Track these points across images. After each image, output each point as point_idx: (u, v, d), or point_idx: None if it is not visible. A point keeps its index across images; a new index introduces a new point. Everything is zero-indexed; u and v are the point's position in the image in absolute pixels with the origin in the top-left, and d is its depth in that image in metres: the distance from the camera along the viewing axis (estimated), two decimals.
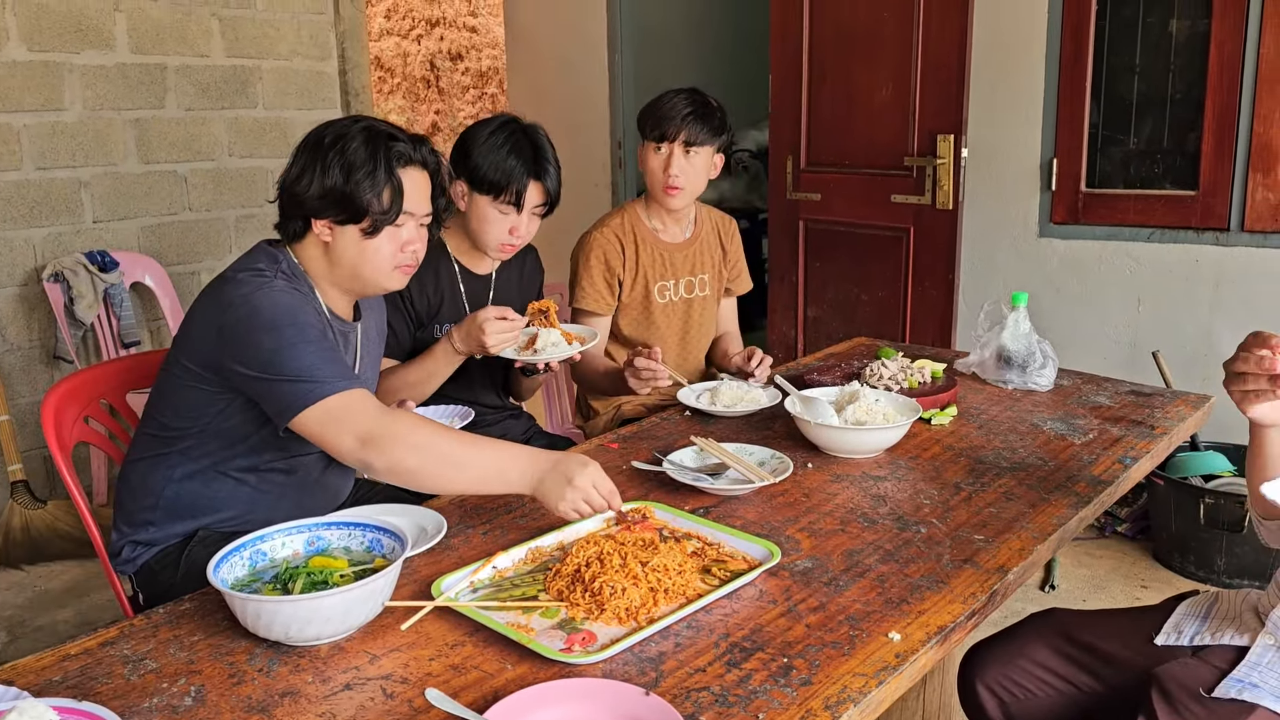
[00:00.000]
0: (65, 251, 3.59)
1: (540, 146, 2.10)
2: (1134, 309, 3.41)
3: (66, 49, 3.52)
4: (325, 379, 1.50)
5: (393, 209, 1.63)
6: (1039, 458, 1.86)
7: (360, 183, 1.60)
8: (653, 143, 2.34)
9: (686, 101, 2.32)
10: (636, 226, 2.44)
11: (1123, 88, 3.35)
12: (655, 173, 2.36)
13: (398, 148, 1.64)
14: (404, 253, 1.68)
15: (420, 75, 6.77)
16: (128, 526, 1.78)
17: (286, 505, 1.74)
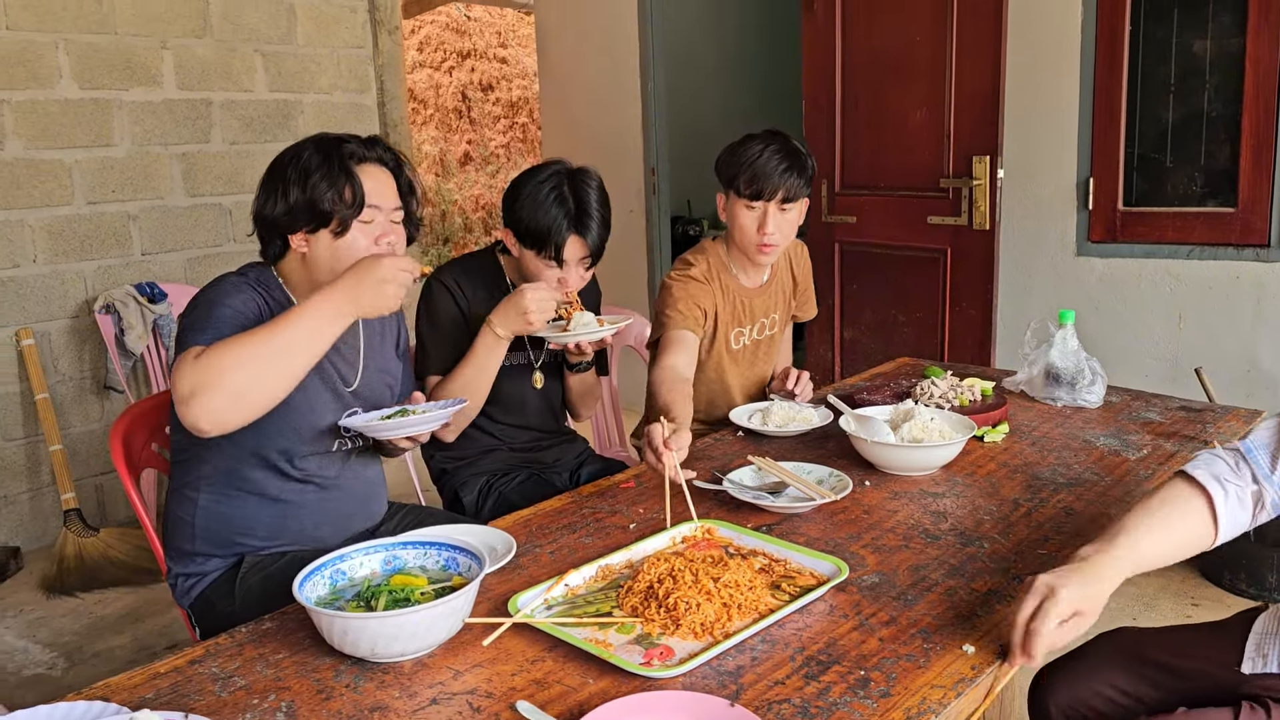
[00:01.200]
0: (114, 284, 3.67)
1: (584, 199, 2.06)
2: (1175, 326, 3.41)
3: (116, 86, 3.62)
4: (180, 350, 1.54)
5: (355, 203, 1.67)
6: (1094, 473, 1.87)
7: (318, 186, 1.65)
8: (744, 200, 2.21)
9: (780, 155, 2.18)
10: (721, 274, 2.33)
11: (1158, 107, 3.36)
12: (747, 230, 2.23)
13: (348, 148, 1.69)
14: (378, 246, 1.70)
15: (452, 106, 6.87)
16: (174, 560, 1.82)
17: (320, 518, 1.79)
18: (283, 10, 4.04)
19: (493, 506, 2.14)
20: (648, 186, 4.95)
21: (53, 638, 2.95)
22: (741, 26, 6.33)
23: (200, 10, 3.80)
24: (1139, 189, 3.44)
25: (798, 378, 2.29)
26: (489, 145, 7.00)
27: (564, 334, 2.02)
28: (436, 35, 6.88)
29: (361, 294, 1.53)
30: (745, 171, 2.19)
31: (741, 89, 6.40)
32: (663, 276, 2.39)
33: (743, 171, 2.20)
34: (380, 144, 1.76)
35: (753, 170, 2.18)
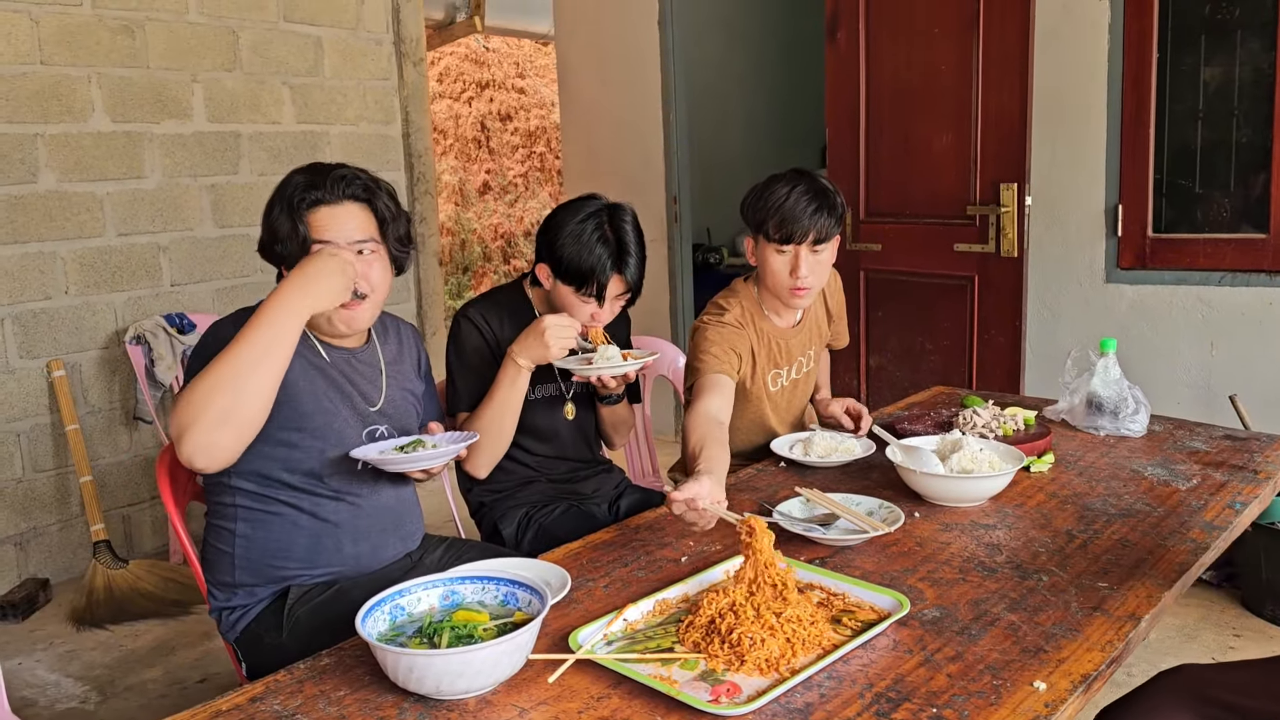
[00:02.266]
0: (144, 315, 3.68)
1: (624, 237, 2.06)
2: (1207, 353, 3.39)
3: (147, 119, 3.65)
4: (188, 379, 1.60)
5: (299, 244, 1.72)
6: (1146, 504, 1.85)
7: (273, 226, 1.74)
8: (774, 244, 2.14)
9: (808, 196, 2.11)
10: (755, 317, 2.28)
11: (1187, 134, 3.36)
12: (780, 274, 2.17)
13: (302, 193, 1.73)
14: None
15: (471, 136, 6.92)
16: (218, 592, 1.82)
17: (356, 534, 1.79)
18: (310, 43, 4.08)
19: (533, 539, 2.13)
20: (669, 215, 4.97)
21: (84, 671, 2.93)
22: (759, 57, 6.37)
23: (230, 44, 3.84)
24: (1168, 216, 3.43)
25: (858, 415, 2.29)
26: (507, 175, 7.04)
27: (587, 368, 2.02)
28: (456, 66, 6.94)
29: (309, 286, 1.61)
30: (774, 215, 2.13)
31: (759, 118, 6.44)
32: (695, 319, 2.36)
33: (771, 215, 2.14)
34: (347, 180, 1.76)
35: (781, 213, 2.12)
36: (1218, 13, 3.25)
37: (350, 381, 1.80)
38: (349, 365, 1.82)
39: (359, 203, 1.77)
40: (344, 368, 1.81)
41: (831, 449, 2.12)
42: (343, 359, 1.82)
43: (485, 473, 2.07)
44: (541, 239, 2.13)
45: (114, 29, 3.53)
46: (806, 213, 2.11)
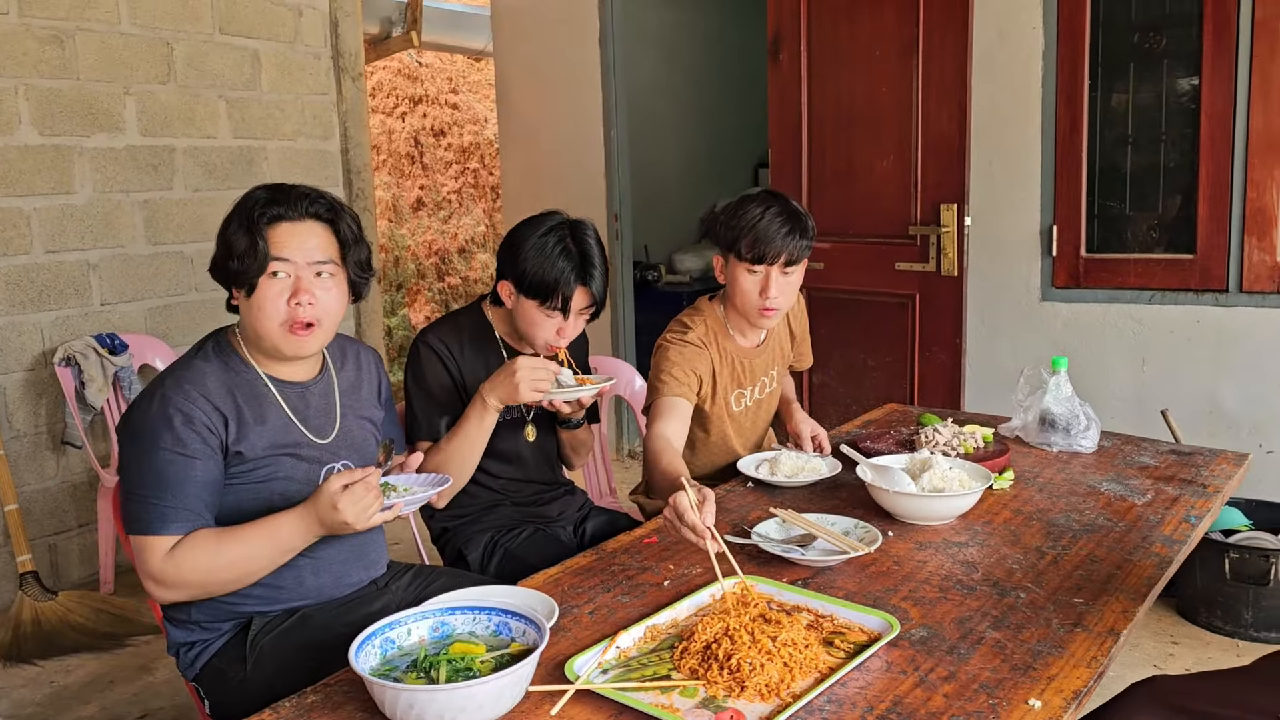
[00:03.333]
0: (73, 335, 3.54)
1: (587, 250, 2.06)
2: (1139, 369, 3.51)
3: (77, 133, 3.52)
4: (151, 515, 1.59)
5: (249, 257, 1.63)
6: (1107, 519, 1.90)
7: (229, 243, 1.65)
8: (746, 263, 2.15)
9: (782, 218, 2.13)
10: (719, 336, 2.29)
11: (1117, 158, 3.49)
12: (749, 294, 2.18)
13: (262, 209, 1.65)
14: (291, 306, 1.65)
15: (405, 151, 6.83)
16: (174, 627, 1.76)
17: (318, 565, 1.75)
18: (247, 56, 3.99)
19: (500, 563, 2.10)
20: (610, 232, 4.97)
21: (14, 710, 2.79)
22: (695, 76, 6.42)
23: (164, 55, 3.73)
24: (1101, 236, 3.55)
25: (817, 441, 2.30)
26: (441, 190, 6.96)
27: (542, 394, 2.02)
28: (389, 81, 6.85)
29: (323, 516, 1.59)
30: (747, 234, 2.14)
31: (694, 137, 6.49)
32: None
33: (744, 235, 2.15)
34: (311, 198, 1.70)
35: (755, 233, 2.13)
36: (1145, 42, 3.39)
37: (301, 419, 1.75)
38: (301, 400, 1.76)
39: (322, 222, 1.71)
40: (295, 404, 1.75)
41: (798, 468, 2.14)
42: (295, 394, 1.75)
43: (444, 504, 2.05)
44: (503, 255, 2.11)
45: (42, 38, 3.40)
46: (780, 234, 2.12)
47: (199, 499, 1.61)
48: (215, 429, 1.63)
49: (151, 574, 1.60)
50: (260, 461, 1.68)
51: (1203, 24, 3.25)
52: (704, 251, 6.32)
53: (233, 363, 1.71)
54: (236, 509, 1.67)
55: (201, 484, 1.61)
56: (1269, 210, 3.20)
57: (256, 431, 1.68)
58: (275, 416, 1.71)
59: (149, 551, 1.59)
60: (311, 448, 1.75)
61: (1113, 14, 3.43)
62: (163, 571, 1.59)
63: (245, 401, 1.68)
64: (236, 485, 1.68)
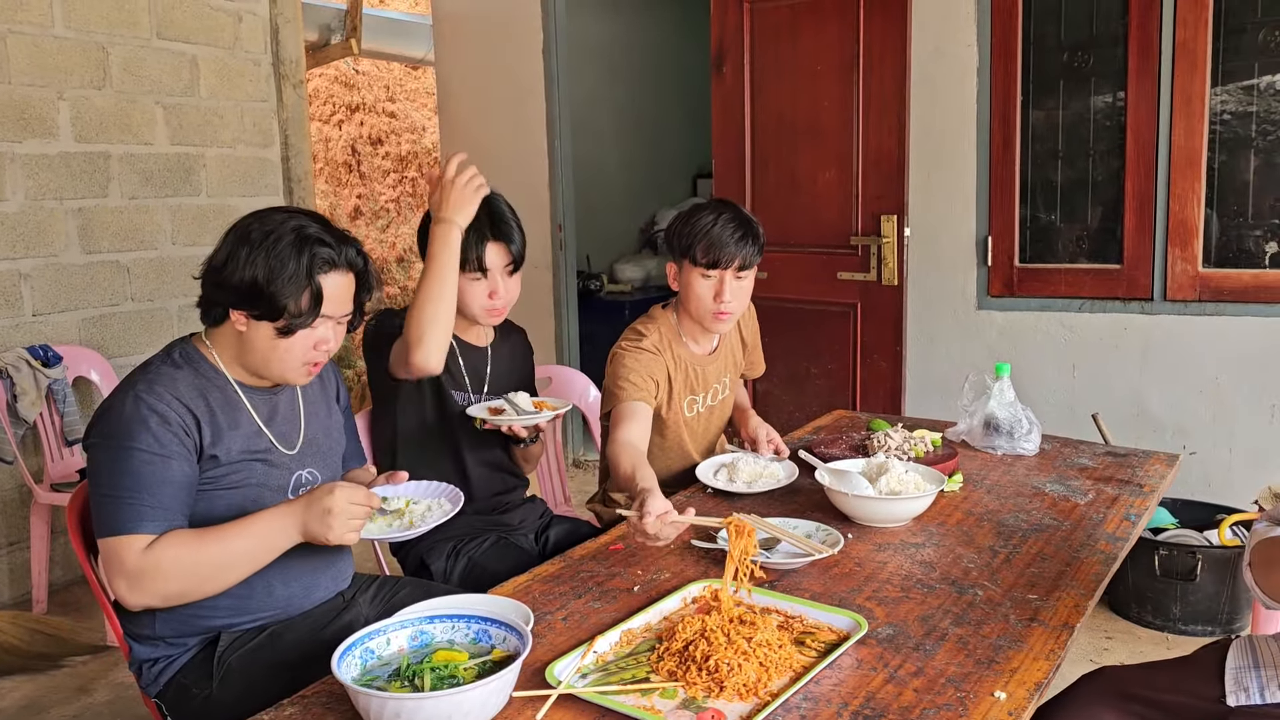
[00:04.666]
0: (4, 346, 3.43)
1: (495, 209, 2.11)
2: (1069, 374, 3.65)
3: (9, 138, 3.42)
4: (128, 514, 1.54)
5: (310, 313, 1.65)
6: (1053, 519, 1.98)
7: (281, 285, 1.61)
8: (700, 269, 2.22)
9: (734, 224, 2.21)
10: (673, 344, 2.33)
11: (1049, 171, 3.62)
12: (703, 299, 2.24)
13: (323, 253, 1.65)
14: (316, 350, 1.69)
15: (342, 160, 6.76)
16: (136, 643, 1.73)
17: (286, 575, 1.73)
18: (185, 62, 3.92)
19: (463, 571, 2.10)
20: (554, 243, 4.99)
21: None
22: (634, 88, 6.48)
23: (99, 60, 3.65)
24: (1033, 247, 3.68)
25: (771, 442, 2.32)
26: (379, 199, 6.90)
27: (499, 418, 2.06)
28: (325, 88, 6.77)
29: (309, 519, 1.57)
30: (701, 240, 2.21)
31: (633, 149, 6.54)
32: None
33: (698, 240, 2.22)
34: (353, 246, 1.72)
35: (709, 239, 2.20)
36: (1074, 61, 3.53)
37: (269, 425, 1.74)
38: (269, 406, 1.76)
39: (352, 273, 1.72)
40: (263, 410, 1.74)
41: (756, 474, 2.18)
42: (262, 401, 1.75)
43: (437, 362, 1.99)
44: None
45: None
46: (733, 240, 2.19)
47: (175, 499, 1.58)
48: (190, 430, 1.62)
49: (126, 573, 1.52)
50: (234, 466, 1.67)
51: (1127, 44, 3.40)
52: (644, 261, 6.37)
53: (202, 369, 1.69)
54: (209, 515, 1.65)
55: (178, 485, 1.59)
56: (1190, 222, 3.35)
57: (230, 435, 1.67)
58: (246, 422, 1.71)
59: (123, 550, 1.53)
60: (280, 454, 1.74)
61: (1043, 34, 3.56)
62: (139, 570, 1.52)
63: (217, 406, 1.67)
64: (210, 491, 1.65)
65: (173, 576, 1.54)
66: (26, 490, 3.49)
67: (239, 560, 1.58)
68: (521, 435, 2.11)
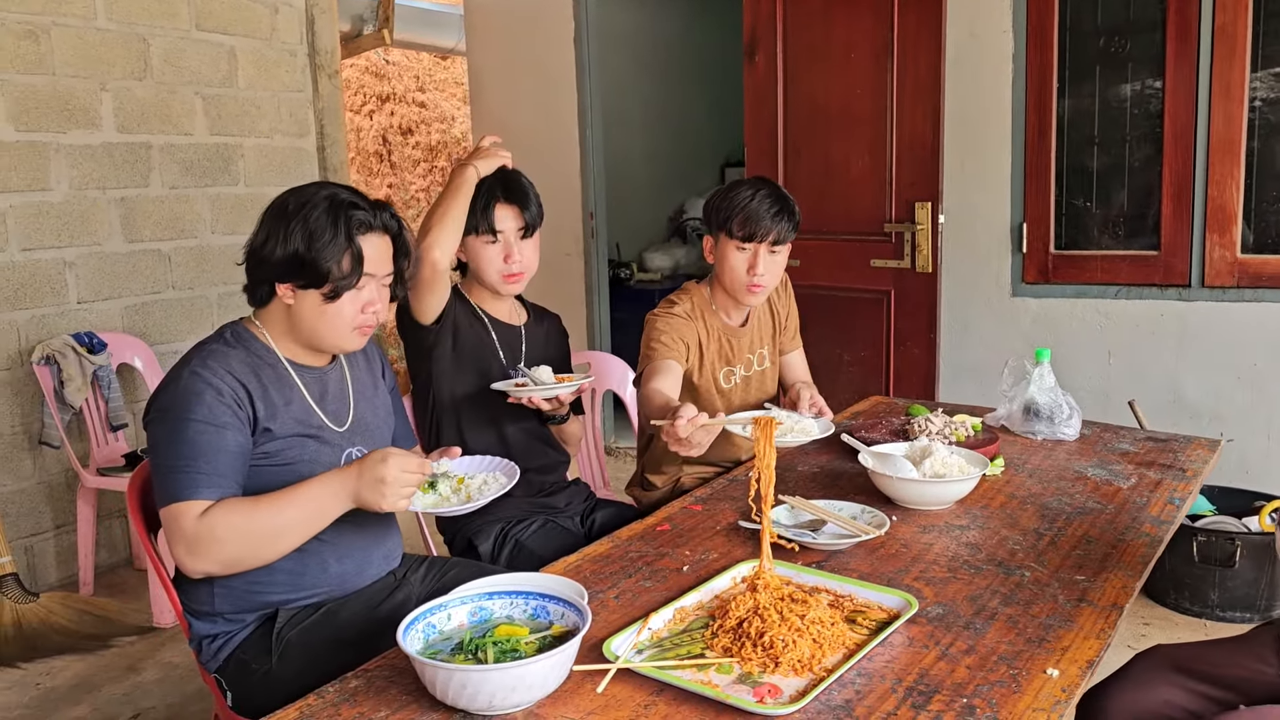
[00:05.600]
0: (49, 334, 3.50)
1: (508, 176, 2.19)
2: (1105, 361, 3.64)
3: (53, 129, 3.48)
4: (185, 482, 1.58)
5: (353, 274, 1.70)
6: (1096, 502, 1.99)
7: (321, 250, 1.67)
8: (736, 241, 2.28)
9: (771, 200, 2.27)
10: (705, 313, 2.38)
11: (1085, 157, 3.61)
12: (737, 271, 2.29)
13: (358, 215, 1.71)
14: (364, 314, 1.74)
15: (373, 150, 6.81)
16: (196, 619, 1.77)
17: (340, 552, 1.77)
18: (223, 53, 3.97)
19: (510, 554, 2.13)
20: (586, 231, 5.01)
21: (1, 713, 2.76)
22: (663, 77, 6.48)
23: (141, 51, 3.70)
24: (1069, 233, 3.67)
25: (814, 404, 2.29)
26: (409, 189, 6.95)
27: (520, 389, 2.09)
28: (357, 79, 6.82)
29: (361, 487, 1.58)
30: (738, 213, 2.27)
31: (662, 137, 6.55)
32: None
33: (736, 213, 2.27)
34: (386, 210, 1.78)
35: (745, 212, 2.26)
36: (1111, 46, 3.51)
37: (320, 404, 1.78)
38: (320, 385, 1.80)
39: (389, 236, 1.77)
40: (314, 389, 1.79)
41: (788, 428, 2.10)
42: (313, 379, 1.79)
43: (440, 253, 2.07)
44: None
45: (18, 34, 3.36)
46: (769, 214, 2.26)
47: (230, 466, 1.62)
48: (243, 403, 1.66)
49: (185, 539, 1.56)
50: (287, 442, 1.71)
51: (1165, 29, 3.38)
52: (673, 250, 6.38)
53: (254, 348, 1.74)
54: (261, 491, 1.68)
55: (233, 454, 1.63)
56: (1229, 208, 3.33)
57: (283, 412, 1.71)
58: (298, 400, 1.75)
59: (182, 516, 1.57)
60: (331, 432, 1.78)
61: (1079, 19, 3.54)
62: (196, 535, 1.56)
63: (270, 382, 1.71)
64: (263, 467, 1.69)
65: (228, 541, 1.57)
66: (73, 474, 3.56)
67: (292, 526, 1.60)
68: (544, 408, 2.15)
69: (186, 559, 1.58)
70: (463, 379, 2.21)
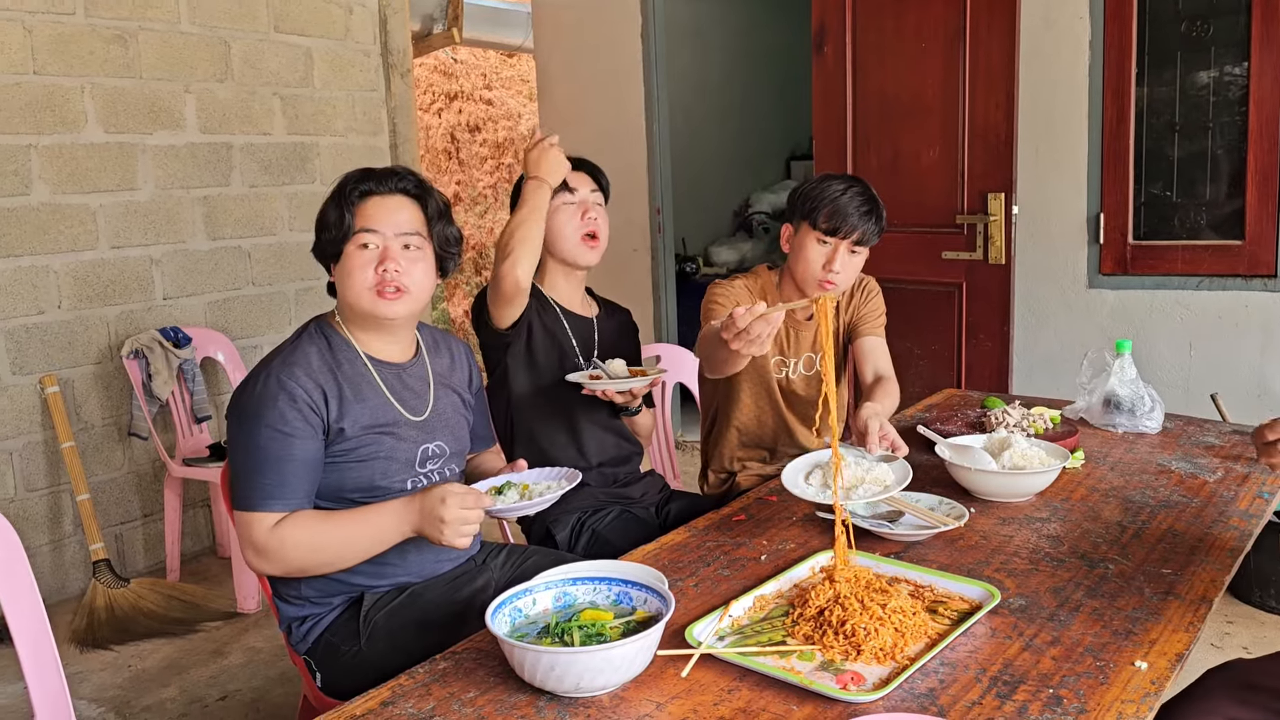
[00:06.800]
0: (136, 329, 3.62)
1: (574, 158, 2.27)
2: (1186, 354, 3.55)
3: (140, 130, 3.60)
4: (254, 490, 1.66)
5: (344, 229, 1.73)
6: (1181, 495, 1.95)
7: (326, 217, 1.75)
8: (818, 233, 2.23)
9: (861, 199, 2.22)
10: (769, 297, 2.36)
11: (1165, 144, 3.52)
12: (813, 264, 2.24)
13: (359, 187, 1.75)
14: (378, 272, 1.73)
15: (441, 147, 6.91)
16: (284, 603, 1.83)
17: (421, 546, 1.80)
18: (300, 54, 4.06)
19: (587, 543, 2.16)
20: (653, 226, 5.03)
21: (96, 693, 2.88)
22: (728, 69, 6.47)
23: (222, 54, 3.81)
24: (1148, 223, 3.58)
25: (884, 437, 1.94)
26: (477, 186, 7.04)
27: (595, 382, 2.12)
28: (425, 78, 6.93)
29: (422, 522, 1.64)
30: (827, 205, 2.21)
31: (728, 131, 6.54)
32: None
33: (824, 205, 2.22)
34: (400, 175, 1.81)
35: (834, 206, 2.21)
36: (1193, 30, 3.42)
37: (399, 399, 1.82)
38: (398, 380, 1.84)
39: (410, 197, 1.80)
40: (393, 384, 1.83)
41: (858, 479, 1.80)
42: (392, 375, 1.83)
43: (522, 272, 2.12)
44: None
45: (107, 38, 3.48)
46: (858, 211, 2.20)
47: (297, 476, 1.68)
48: (317, 407, 1.70)
49: (255, 546, 1.66)
50: (361, 439, 1.75)
51: (1250, 12, 3.28)
52: (739, 244, 6.37)
53: (334, 342, 1.79)
54: (339, 487, 1.74)
55: (300, 462, 1.68)
56: None
57: (357, 409, 1.75)
58: (374, 395, 1.78)
59: (253, 527, 1.66)
60: (408, 426, 1.81)
61: (1159, 3, 3.46)
62: (266, 545, 1.65)
63: (346, 380, 1.76)
64: (339, 463, 1.74)
65: (294, 555, 1.66)
66: (160, 465, 3.69)
67: (354, 548, 1.69)
68: (618, 401, 2.17)
69: (255, 561, 1.69)
70: (537, 372, 2.25)
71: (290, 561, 1.67)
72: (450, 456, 1.88)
